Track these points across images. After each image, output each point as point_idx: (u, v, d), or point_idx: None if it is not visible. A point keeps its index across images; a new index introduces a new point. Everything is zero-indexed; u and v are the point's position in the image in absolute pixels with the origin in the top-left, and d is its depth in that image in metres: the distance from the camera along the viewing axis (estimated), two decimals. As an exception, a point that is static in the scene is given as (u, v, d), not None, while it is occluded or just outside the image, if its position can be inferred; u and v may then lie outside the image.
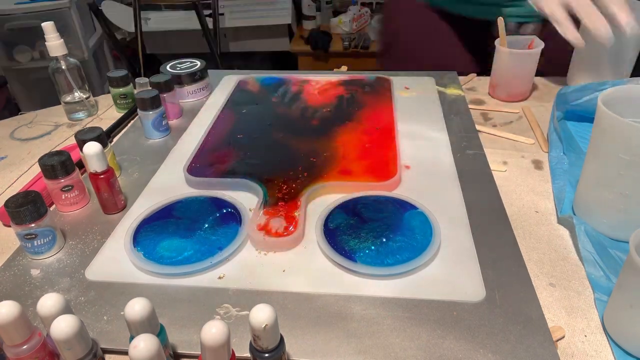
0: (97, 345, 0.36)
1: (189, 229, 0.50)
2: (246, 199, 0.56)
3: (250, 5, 2.26)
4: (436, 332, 0.39)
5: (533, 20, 0.83)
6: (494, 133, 0.69)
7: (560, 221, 0.52)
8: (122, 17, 2.12)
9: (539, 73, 0.79)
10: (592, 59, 0.74)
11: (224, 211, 0.52)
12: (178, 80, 0.78)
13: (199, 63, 0.81)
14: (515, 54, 0.73)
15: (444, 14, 0.87)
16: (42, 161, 0.53)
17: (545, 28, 0.82)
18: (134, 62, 2.06)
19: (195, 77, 0.79)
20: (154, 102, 0.67)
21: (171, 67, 0.80)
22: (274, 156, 0.62)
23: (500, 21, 0.73)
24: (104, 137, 0.58)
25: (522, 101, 0.78)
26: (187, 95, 0.80)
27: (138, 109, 0.69)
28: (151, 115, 0.67)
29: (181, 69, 0.79)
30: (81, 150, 0.57)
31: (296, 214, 0.51)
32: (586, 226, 0.48)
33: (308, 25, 2.35)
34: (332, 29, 2.29)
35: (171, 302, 0.43)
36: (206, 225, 0.50)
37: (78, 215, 0.55)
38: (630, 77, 0.74)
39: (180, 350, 0.39)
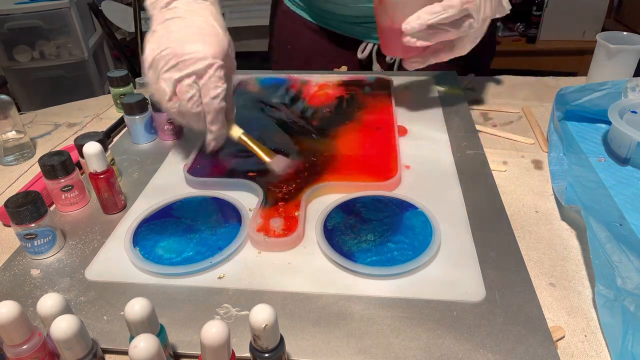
0: (97, 345, 0.36)
1: (189, 229, 0.50)
2: (246, 199, 0.56)
3: (250, 5, 2.26)
4: (436, 332, 0.39)
5: None
6: (494, 133, 0.69)
7: (562, 218, 0.52)
8: (122, 17, 2.12)
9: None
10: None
11: (224, 211, 0.52)
12: None
13: None
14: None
15: (317, 30, 0.89)
16: (42, 161, 0.53)
17: None
18: (134, 62, 2.06)
19: None
20: (140, 107, 0.67)
21: None
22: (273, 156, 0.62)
23: None
24: (104, 141, 0.58)
25: None
26: None
27: (124, 115, 0.68)
28: (138, 119, 0.67)
29: None
30: (81, 155, 0.57)
31: (296, 214, 0.51)
32: (593, 216, 0.47)
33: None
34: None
35: (171, 302, 0.43)
36: (206, 225, 0.50)
37: (78, 215, 0.55)
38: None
39: (180, 350, 0.39)
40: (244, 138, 0.58)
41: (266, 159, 0.57)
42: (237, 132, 0.58)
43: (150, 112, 0.68)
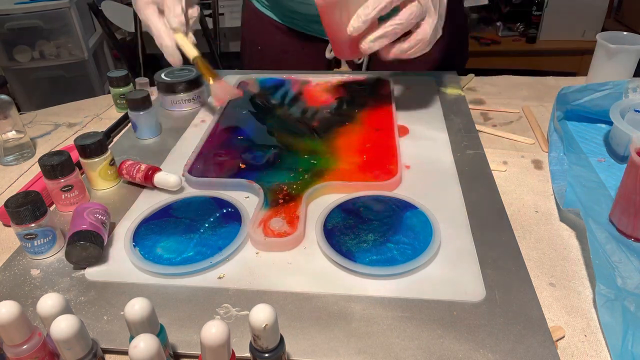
0: (97, 345, 0.36)
1: (189, 228, 0.50)
2: (246, 199, 0.56)
3: (250, 5, 2.26)
4: (436, 332, 0.39)
5: None
6: (494, 133, 0.69)
7: (562, 218, 0.52)
8: (122, 17, 2.12)
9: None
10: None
11: (224, 211, 0.52)
12: (173, 89, 0.76)
13: (195, 71, 0.79)
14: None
15: (285, 30, 0.89)
16: (42, 161, 0.53)
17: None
18: (134, 62, 2.06)
19: (190, 85, 0.77)
20: (144, 102, 0.68)
21: (166, 75, 0.78)
22: (274, 157, 0.62)
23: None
24: (103, 142, 0.58)
25: None
26: (183, 103, 0.78)
27: (129, 110, 0.68)
28: (142, 115, 0.68)
29: (176, 77, 0.77)
30: (81, 155, 0.57)
31: (296, 214, 0.51)
32: (593, 218, 0.47)
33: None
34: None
35: (171, 302, 0.43)
36: (206, 225, 0.50)
37: (78, 215, 0.55)
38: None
39: (180, 350, 0.39)
40: (198, 59, 0.65)
41: (210, 80, 0.64)
42: (193, 52, 0.64)
43: (155, 108, 0.69)
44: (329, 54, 0.86)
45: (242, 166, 0.60)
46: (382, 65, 0.87)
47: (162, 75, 0.79)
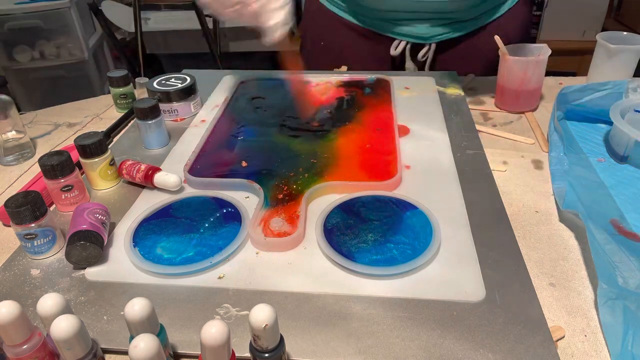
0: (97, 345, 0.36)
1: (189, 228, 0.50)
2: (246, 199, 0.56)
3: (250, 5, 2.25)
4: (436, 332, 0.39)
5: (427, 42, 0.84)
6: (494, 133, 0.69)
7: (562, 218, 0.52)
8: (122, 17, 2.12)
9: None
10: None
11: (224, 211, 0.52)
12: (167, 97, 0.74)
13: (188, 79, 0.76)
14: (521, 62, 0.71)
15: (352, 27, 0.89)
16: (42, 161, 0.53)
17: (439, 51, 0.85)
18: (134, 62, 2.06)
19: (184, 93, 0.74)
20: (153, 111, 0.65)
21: (158, 84, 0.75)
22: (274, 157, 0.62)
23: (497, 38, 0.72)
24: (103, 142, 0.58)
25: (531, 111, 0.75)
26: (177, 112, 0.76)
27: (137, 119, 0.66)
28: (151, 125, 0.66)
29: (169, 85, 0.75)
30: (81, 155, 0.57)
31: (296, 214, 0.51)
32: (592, 218, 0.47)
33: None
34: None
35: (171, 302, 0.43)
36: (206, 225, 0.50)
37: (78, 215, 0.55)
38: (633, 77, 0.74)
39: (180, 350, 0.39)
40: None
41: None
42: None
43: (162, 116, 0.67)
44: (393, 51, 0.85)
45: (244, 164, 0.60)
46: (444, 65, 0.87)
47: (154, 84, 0.75)
